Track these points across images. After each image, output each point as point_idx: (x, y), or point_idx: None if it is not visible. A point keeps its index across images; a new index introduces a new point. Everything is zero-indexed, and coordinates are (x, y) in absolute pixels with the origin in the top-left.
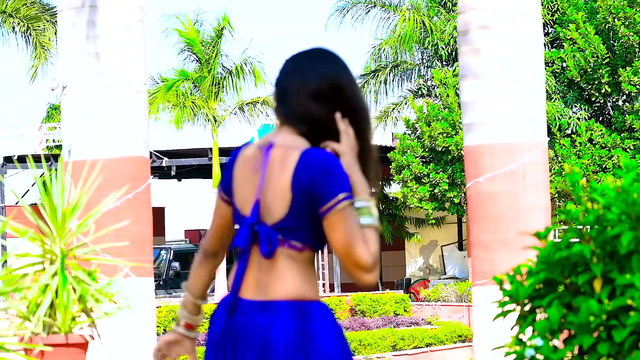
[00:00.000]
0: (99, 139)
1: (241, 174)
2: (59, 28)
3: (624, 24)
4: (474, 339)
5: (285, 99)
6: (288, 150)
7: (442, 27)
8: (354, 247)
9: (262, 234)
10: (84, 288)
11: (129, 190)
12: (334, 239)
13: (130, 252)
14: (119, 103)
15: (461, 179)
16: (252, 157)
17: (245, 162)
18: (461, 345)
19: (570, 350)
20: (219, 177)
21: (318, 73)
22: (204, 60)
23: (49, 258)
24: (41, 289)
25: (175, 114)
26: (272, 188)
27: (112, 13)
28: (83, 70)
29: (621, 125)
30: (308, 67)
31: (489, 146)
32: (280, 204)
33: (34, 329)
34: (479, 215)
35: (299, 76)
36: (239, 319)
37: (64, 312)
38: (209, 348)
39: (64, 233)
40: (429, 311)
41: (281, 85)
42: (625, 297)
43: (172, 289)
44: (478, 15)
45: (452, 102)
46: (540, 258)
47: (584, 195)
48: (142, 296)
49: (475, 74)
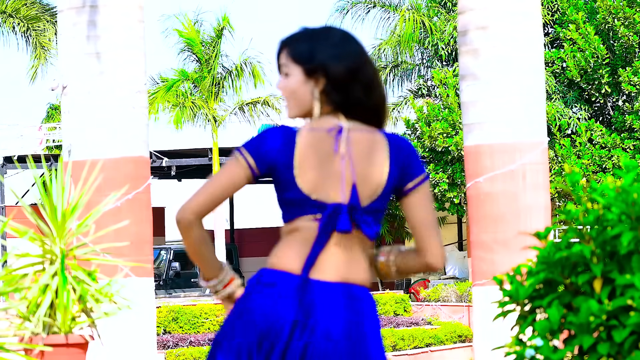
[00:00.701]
0: (99, 139)
1: (313, 156)
2: (59, 28)
3: (624, 24)
4: (474, 339)
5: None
6: (369, 133)
7: (442, 27)
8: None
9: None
10: (84, 288)
11: (129, 190)
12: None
13: (130, 252)
14: (119, 103)
15: (461, 179)
16: (322, 139)
17: (316, 144)
18: (461, 345)
19: (570, 350)
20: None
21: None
22: (203, 60)
23: (49, 258)
24: (41, 289)
25: (175, 114)
26: (365, 170)
27: (113, 13)
28: (83, 70)
29: (621, 125)
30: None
31: (489, 146)
32: (374, 186)
33: (34, 329)
34: (479, 215)
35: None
36: (312, 298)
37: (64, 312)
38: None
39: (64, 233)
40: (429, 311)
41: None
42: (625, 297)
43: (172, 289)
44: (478, 15)
45: (452, 102)
46: (540, 258)
47: (584, 195)
48: (142, 296)
49: (475, 74)
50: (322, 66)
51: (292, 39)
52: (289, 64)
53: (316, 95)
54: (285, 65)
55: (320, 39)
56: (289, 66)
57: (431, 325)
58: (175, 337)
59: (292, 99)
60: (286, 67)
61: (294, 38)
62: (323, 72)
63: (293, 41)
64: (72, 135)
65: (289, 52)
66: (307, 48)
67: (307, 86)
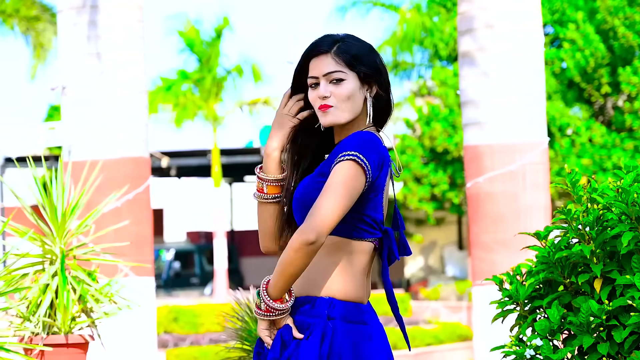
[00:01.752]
0: (99, 139)
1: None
2: (59, 28)
3: (624, 23)
4: (474, 339)
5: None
6: None
7: (442, 27)
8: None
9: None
10: (84, 288)
11: (129, 191)
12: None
13: (130, 252)
14: (119, 103)
15: (461, 179)
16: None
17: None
18: (461, 345)
19: (570, 350)
20: (220, 177)
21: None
22: (203, 60)
23: (49, 258)
24: (41, 289)
25: (176, 114)
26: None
27: (113, 13)
28: (84, 70)
29: (621, 125)
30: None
31: (489, 146)
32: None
33: (34, 329)
34: (479, 215)
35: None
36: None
37: (64, 312)
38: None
39: (64, 233)
40: (429, 311)
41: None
42: (625, 297)
43: (172, 289)
44: (478, 15)
45: (452, 102)
46: (540, 258)
47: (584, 195)
48: (142, 296)
49: (475, 74)
50: (378, 71)
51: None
52: (343, 70)
53: (370, 102)
54: (336, 74)
55: (362, 44)
56: (344, 73)
57: (431, 325)
58: (175, 337)
59: (347, 104)
60: (337, 76)
61: (337, 45)
62: (376, 78)
63: (340, 48)
64: (72, 135)
65: (342, 58)
66: (360, 53)
67: (361, 92)
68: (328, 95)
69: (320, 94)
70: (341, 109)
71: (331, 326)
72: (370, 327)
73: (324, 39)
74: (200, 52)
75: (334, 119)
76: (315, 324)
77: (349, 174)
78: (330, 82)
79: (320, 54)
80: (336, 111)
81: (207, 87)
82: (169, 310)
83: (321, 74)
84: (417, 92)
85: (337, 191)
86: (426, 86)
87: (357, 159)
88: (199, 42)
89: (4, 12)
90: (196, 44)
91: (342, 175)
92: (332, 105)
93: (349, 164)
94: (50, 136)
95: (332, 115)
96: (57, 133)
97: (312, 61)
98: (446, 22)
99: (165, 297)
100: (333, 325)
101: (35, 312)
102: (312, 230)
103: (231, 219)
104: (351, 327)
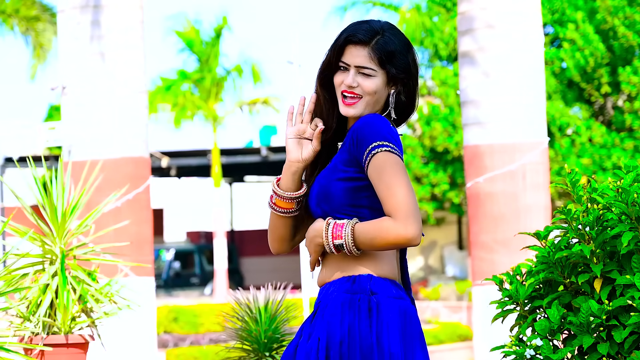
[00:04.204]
0: (99, 139)
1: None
2: (60, 28)
3: (624, 23)
4: (474, 339)
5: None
6: None
7: (442, 27)
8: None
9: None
10: (84, 288)
11: (129, 191)
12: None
13: (130, 252)
14: (120, 103)
15: (461, 179)
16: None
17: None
18: (461, 345)
19: (570, 350)
20: (220, 177)
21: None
22: (203, 61)
23: (49, 258)
24: (41, 289)
25: (175, 114)
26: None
27: (115, 13)
28: (84, 70)
29: (621, 125)
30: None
31: (489, 146)
32: None
33: (34, 329)
34: (479, 215)
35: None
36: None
37: (64, 312)
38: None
39: (64, 233)
40: (429, 311)
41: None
42: (625, 297)
43: (172, 289)
44: (478, 15)
45: (452, 102)
46: (540, 258)
47: (584, 195)
48: (142, 296)
49: (475, 73)
50: (407, 74)
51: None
52: (374, 68)
53: (392, 101)
54: (366, 70)
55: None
56: (374, 70)
57: (431, 325)
58: (175, 337)
59: (371, 98)
60: (367, 71)
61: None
62: (403, 79)
63: (378, 43)
64: (72, 135)
65: (377, 54)
66: (396, 54)
67: (385, 90)
68: (355, 85)
69: (348, 83)
70: (365, 101)
71: (375, 300)
72: (406, 302)
73: (364, 26)
74: (199, 52)
75: (354, 111)
76: (361, 299)
77: (400, 165)
78: (359, 73)
79: (359, 44)
80: (360, 104)
81: (207, 87)
82: (169, 310)
83: (354, 64)
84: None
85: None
86: (426, 86)
87: (393, 151)
88: (198, 42)
89: (4, 12)
90: (196, 44)
91: (396, 168)
92: (358, 97)
93: (389, 155)
94: (50, 136)
95: (353, 107)
96: (57, 133)
97: (348, 47)
98: (446, 22)
99: (165, 297)
100: (377, 299)
101: (35, 312)
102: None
103: (231, 219)
104: (392, 302)
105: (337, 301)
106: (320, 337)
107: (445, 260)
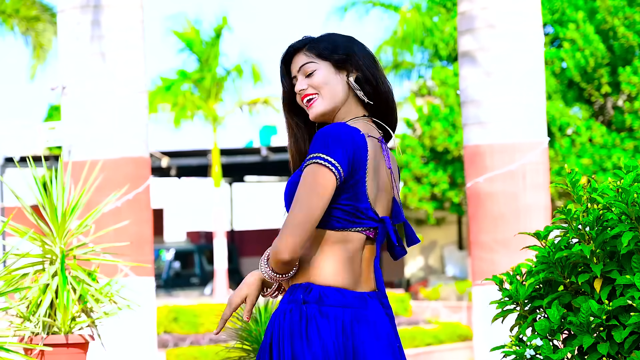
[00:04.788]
0: (99, 139)
1: (374, 166)
2: (60, 28)
3: (624, 23)
4: (474, 339)
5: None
6: (387, 145)
7: (442, 27)
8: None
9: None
10: (84, 288)
11: (129, 191)
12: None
13: (130, 252)
14: (120, 103)
15: (461, 179)
16: (377, 149)
17: (376, 153)
18: (461, 345)
19: (570, 350)
20: (220, 177)
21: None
22: (203, 60)
23: (49, 258)
24: (41, 289)
25: (175, 114)
26: (396, 186)
27: (115, 13)
28: (84, 70)
29: (621, 125)
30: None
31: (489, 146)
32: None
33: (34, 329)
34: (479, 215)
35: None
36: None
37: (64, 312)
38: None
39: (64, 233)
40: (429, 311)
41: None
42: (625, 297)
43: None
44: (478, 15)
45: (452, 101)
46: (540, 258)
47: (584, 195)
48: (142, 296)
49: (475, 73)
50: (351, 55)
51: (307, 43)
52: (314, 61)
53: (354, 86)
54: (308, 66)
55: (335, 36)
56: (315, 63)
57: (431, 325)
58: (175, 337)
59: (324, 90)
60: (310, 67)
61: (309, 41)
62: (352, 62)
63: (311, 43)
64: (72, 135)
65: (312, 51)
66: (330, 43)
67: (338, 78)
68: (305, 87)
69: (298, 89)
70: (321, 96)
71: (305, 309)
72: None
73: (298, 40)
74: (199, 52)
75: (316, 110)
76: (292, 309)
77: (315, 179)
78: (307, 77)
79: (295, 53)
80: (319, 101)
81: (206, 87)
82: (169, 310)
83: (296, 69)
84: (418, 92)
85: (304, 200)
86: (426, 86)
87: (321, 161)
88: (198, 42)
89: (4, 12)
90: (195, 44)
91: (309, 181)
92: (313, 95)
93: (313, 168)
94: (50, 136)
95: (314, 107)
96: (57, 133)
97: (291, 62)
98: (446, 22)
99: (165, 297)
100: (308, 308)
101: (35, 312)
102: (284, 250)
103: (231, 219)
104: (328, 310)
105: (276, 312)
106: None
107: (445, 260)
